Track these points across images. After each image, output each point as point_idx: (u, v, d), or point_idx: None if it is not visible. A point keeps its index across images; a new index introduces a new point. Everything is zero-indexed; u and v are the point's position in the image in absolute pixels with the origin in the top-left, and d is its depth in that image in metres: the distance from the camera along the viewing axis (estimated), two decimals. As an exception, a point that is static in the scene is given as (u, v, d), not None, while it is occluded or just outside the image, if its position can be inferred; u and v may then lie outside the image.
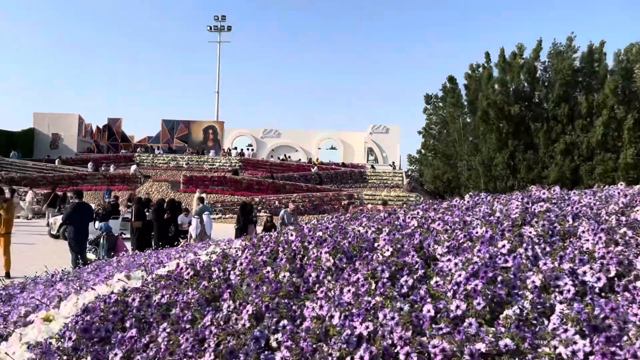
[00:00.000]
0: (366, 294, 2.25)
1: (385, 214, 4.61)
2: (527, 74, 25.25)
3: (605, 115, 22.06)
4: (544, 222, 3.20)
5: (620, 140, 22.66)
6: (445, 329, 1.84)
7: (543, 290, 2.25)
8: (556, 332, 1.81)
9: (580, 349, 1.65)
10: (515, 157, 25.86)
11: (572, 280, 2.27)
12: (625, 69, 22.99)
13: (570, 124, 24.13)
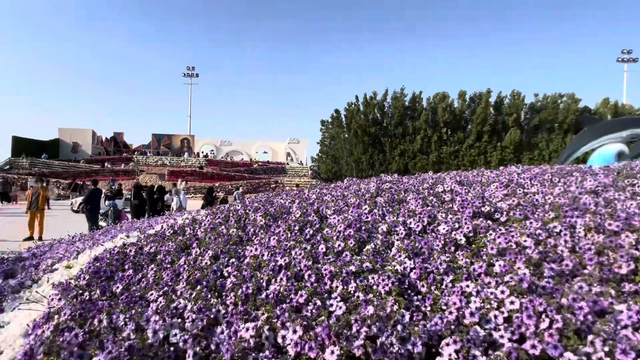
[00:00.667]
0: (285, 240, 2.80)
1: (296, 191, 5.82)
2: (379, 109, 37.13)
3: (421, 134, 33.73)
4: (387, 194, 4.15)
5: (429, 148, 34.49)
6: (332, 259, 2.50)
7: (388, 233, 3.06)
8: (395, 257, 2.60)
9: (408, 266, 2.45)
10: (373, 158, 38.69)
11: (404, 227, 3.14)
12: (432, 108, 35.02)
13: (403, 138, 36.60)
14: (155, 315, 1.75)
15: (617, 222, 2.73)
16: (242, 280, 2.16)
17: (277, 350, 1.72)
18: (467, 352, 1.56)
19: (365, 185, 5.09)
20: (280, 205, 4.18)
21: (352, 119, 40.67)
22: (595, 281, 2.11)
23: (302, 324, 1.71)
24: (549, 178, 4.81)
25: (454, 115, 35.38)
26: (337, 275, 2.26)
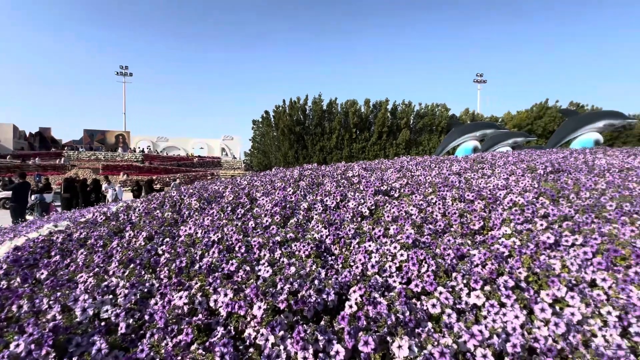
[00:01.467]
0: (218, 220, 2.63)
1: (230, 179, 5.36)
2: (302, 111, 37.35)
3: (336, 133, 34.91)
4: (308, 179, 4.17)
5: (343, 145, 36.41)
6: (260, 232, 2.43)
7: (308, 210, 3.08)
8: (314, 228, 2.63)
9: (324, 234, 2.50)
10: (297, 152, 39.69)
11: (321, 204, 3.19)
12: (345, 112, 36.35)
13: (322, 137, 38.08)
14: (85, 295, 1.51)
15: (472, 194, 3.13)
16: (176, 255, 1.98)
17: (210, 313, 1.62)
18: (369, 295, 1.64)
19: (290, 172, 5.08)
20: (214, 191, 3.94)
21: (279, 119, 40.61)
22: (458, 235, 2.40)
23: (232, 287, 1.63)
24: (428, 164, 5.33)
25: (361, 119, 37.36)
26: (265, 245, 2.21)
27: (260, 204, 3.29)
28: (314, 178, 4.36)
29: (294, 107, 39.18)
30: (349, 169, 5.28)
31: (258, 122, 45.52)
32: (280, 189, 3.78)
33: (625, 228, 2.34)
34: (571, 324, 1.46)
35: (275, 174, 5.38)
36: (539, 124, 32.78)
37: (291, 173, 4.90)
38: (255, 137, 47.34)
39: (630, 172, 4.84)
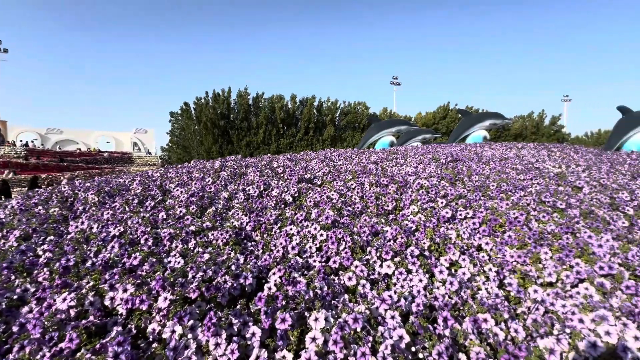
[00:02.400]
0: (121, 213, 2.30)
1: (140, 172, 4.74)
2: (227, 104, 35.73)
3: (263, 128, 34.30)
4: (230, 169, 3.98)
5: (270, 140, 34.88)
6: (172, 223, 2.21)
7: (229, 199, 2.93)
8: (234, 215, 2.50)
9: (244, 221, 2.39)
10: (222, 148, 38.50)
11: (244, 193, 3.06)
12: (271, 107, 35.61)
13: (249, 131, 35.68)
14: None
15: (387, 179, 3.37)
16: (62, 254, 1.66)
17: (106, 314, 1.40)
18: (289, 275, 1.62)
19: (211, 163, 4.77)
20: (119, 184, 3.46)
21: (201, 112, 37.66)
22: (374, 215, 2.56)
23: (134, 282, 1.43)
24: (350, 155, 5.59)
25: (288, 114, 37.40)
26: (177, 236, 2.01)
27: (174, 195, 2.99)
28: (236, 168, 4.17)
29: (218, 100, 37.15)
30: (274, 160, 5.21)
31: (177, 114, 41.63)
32: (198, 179, 3.52)
33: (502, 202, 2.80)
34: (463, 282, 1.68)
35: (194, 165, 5.00)
36: (443, 123, 37.42)
37: (212, 164, 4.61)
38: (174, 131, 43.22)
39: (507, 161, 5.84)
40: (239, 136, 35.02)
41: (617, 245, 2.18)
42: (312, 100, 37.92)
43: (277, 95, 36.80)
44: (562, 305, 1.53)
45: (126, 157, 40.39)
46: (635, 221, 2.71)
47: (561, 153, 7.77)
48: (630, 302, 1.59)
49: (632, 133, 13.24)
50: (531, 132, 36.57)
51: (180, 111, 39.31)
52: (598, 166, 5.77)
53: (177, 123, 39.92)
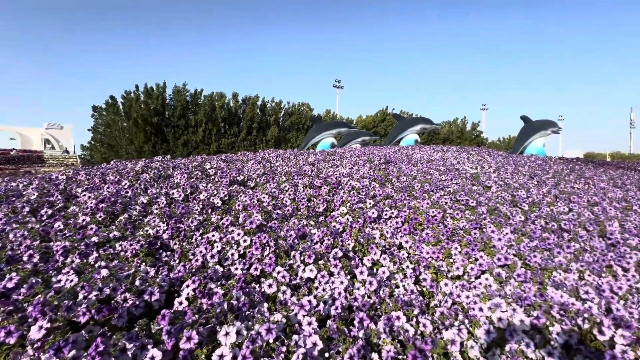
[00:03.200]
0: (3, 225, 1.91)
1: (41, 175, 4.03)
2: (161, 100, 33.07)
3: (203, 126, 32.35)
4: (154, 171, 3.64)
5: (210, 139, 33.18)
6: (69, 234, 1.91)
7: (148, 204, 2.65)
8: (149, 223, 2.26)
9: (161, 228, 2.18)
10: (156, 147, 34.95)
11: (166, 197, 2.80)
12: (211, 105, 33.78)
13: (186, 130, 33.29)
14: None
15: (320, 180, 3.39)
16: None
17: (-38, 352, 1.13)
18: (205, 286, 1.50)
19: (133, 164, 4.31)
20: (8, 189, 2.91)
21: (131, 107, 34.15)
22: (304, 217, 2.53)
23: (4, 310, 1.18)
24: (288, 157, 5.54)
25: (230, 113, 36.07)
26: (74, 250, 1.74)
27: (80, 201, 2.61)
28: (162, 170, 3.82)
29: (151, 95, 34.16)
30: (207, 161, 4.91)
31: (100, 108, 37.17)
32: (113, 182, 3.13)
33: (424, 202, 3.00)
34: (382, 281, 1.73)
35: (113, 166, 4.46)
36: (382, 127, 39.59)
37: (133, 165, 4.16)
38: (98, 127, 38.47)
39: (433, 163, 6.36)
40: (175, 135, 32.65)
41: (513, 237, 2.47)
42: (255, 100, 37.10)
43: (218, 92, 35.20)
44: (467, 297, 1.67)
45: (34, 157, 34.90)
46: (529, 215, 3.13)
47: (478, 156, 8.74)
48: (520, 289, 1.80)
49: (531, 139, 15.53)
50: (457, 136, 40.59)
51: (106, 106, 35.24)
52: (505, 167, 6.60)
53: (102, 119, 35.67)
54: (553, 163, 8.94)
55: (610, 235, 2.84)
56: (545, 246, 2.37)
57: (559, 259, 2.20)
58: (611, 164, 14.18)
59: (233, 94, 35.59)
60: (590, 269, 2.18)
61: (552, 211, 3.39)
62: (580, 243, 2.60)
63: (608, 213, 3.66)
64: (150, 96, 32.83)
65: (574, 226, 2.93)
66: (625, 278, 2.18)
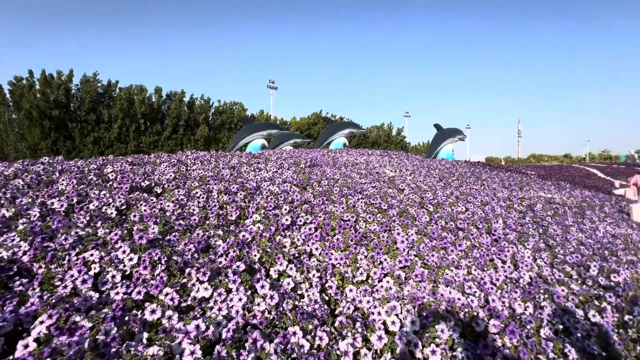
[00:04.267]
0: None
1: None
2: (65, 90, 28.68)
3: (119, 122, 28.56)
4: (32, 175, 3.04)
5: (128, 137, 29.75)
6: None
7: (13, 218, 2.16)
8: (4, 243, 1.83)
9: (22, 249, 1.77)
10: (57, 144, 29.12)
11: (41, 208, 2.33)
12: (130, 99, 30.05)
13: (97, 126, 29.24)
14: None
15: (237, 186, 3.21)
16: None
17: None
18: (66, 320, 1.24)
19: (5, 167, 3.52)
20: None
21: (22, 97, 28.50)
22: (212, 227, 2.34)
23: None
24: (208, 159, 5.18)
25: (152, 109, 32.81)
26: None
27: None
28: (42, 174, 3.19)
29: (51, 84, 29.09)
30: (111, 163, 4.30)
31: (-20, 97, 30.64)
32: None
33: (340, 206, 3.06)
34: (286, 293, 1.66)
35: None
36: (315, 129, 40.38)
37: (5, 169, 3.40)
38: (-30, 120, 31.51)
39: (357, 166, 6.63)
40: (83, 131, 28.23)
41: (417, 238, 2.66)
42: (182, 96, 34.42)
43: (138, 85, 31.70)
44: (367, 302, 1.70)
45: None
46: (433, 216, 3.43)
47: (398, 159, 9.44)
48: (417, 289, 1.92)
49: (442, 145, 17.49)
50: (384, 140, 43.59)
51: (-10, 93, 29.02)
52: (419, 171, 7.23)
53: (-20, 109, 29.25)
54: (459, 166, 10.15)
55: (495, 232, 3.27)
56: (442, 245, 2.60)
57: (452, 257, 2.43)
58: (503, 167, 16.77)
59: (156, 88, 32.46)
60: (476, 264, 2.45)
61: (452, 211, 3.78)
62: (471, 240, 2.93)
63: (495, 211, 4.23)
64: (49, 85, 27.99)
65: (468, 225, 3.30)
66: (503, 269, 2.50)
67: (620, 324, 2.23)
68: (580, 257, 3.13)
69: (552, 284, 2.52)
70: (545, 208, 5.11)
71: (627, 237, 4.62)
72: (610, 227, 5.02)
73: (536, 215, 4.50)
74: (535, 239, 3.39)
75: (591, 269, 2.88)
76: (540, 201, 5.65)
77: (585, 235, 4.10)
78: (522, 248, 3.00)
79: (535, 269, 2.71)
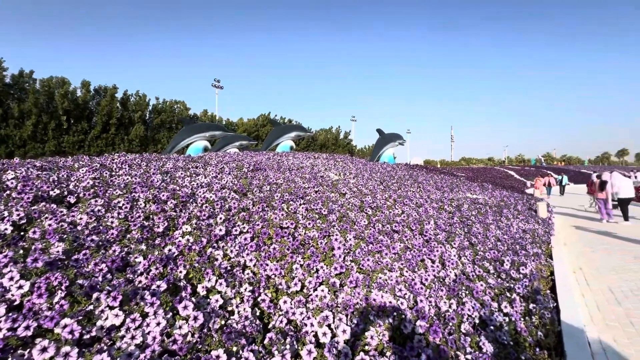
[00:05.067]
0: None
1: None
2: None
3: (33, 119, 24.86)
4: None
5: (46, 136, 26.01)
6: None
7: None
8: None
9: None
10: None
11: None
12: (49, 92, 26.36)
13: (5, 122, 24.97)
14: None
15: (167, 193, 2.96)
16: None
17: None
18: None
19: None
20: None
21: None
22: (133, 242, 2.11)
23: None
24: (138, 163, 4.72)
25: (77, 104, 29.16)
26: None
27: None
28: None
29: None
30: (13, 168, 3.67)
31: None
32: None
33: (280, 212, 3.00)
34: (214, 312, 1.55)
35: None
36: (264, 131, 39.60)
37: None
38: None
39: (302, 169, 6.63)
40: (-16, 128, 24.12)
41: (354, 243, 2.71)
42: (114, 91, 31.15)
43: (59, 77, 27.91)
44: (301, 313, 1.67)
45: None
46: (372, 220, 3.54)
47: (343, 163, 9.68)
48: (351, 295, 1.94)
49: (384, 149, 18.48)
50: (332, 143, 44.50)
51: None
52: (362, 174, 7.49)
53: None
54: (399, 169, 10.77)
55: (426, 233, 3.49)
56: (378, 249, 2.69)
57: (387, 260, 2.53)
58: (438, 170, 18.28)
59: (83, 82, 28.92)
60: (408, 266, 2.57)
61: (390, 214, 3.96)
62: (405, 242, 3.08)
63: (428, 212, 4.54)
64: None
65: (403, 227, 3.48)
66: (432, 269, 2.67)
67: (527, 312, 2.52)
68: (497, 252, 3.50)
69: (474, 279, 2.76)
70: (470, 208, 5.64)
71: (534, 232, 5.31)
72: (522, 223, 5.72)
73: (463, 215, 4.94)
74: (461, 237, 3.70)
75: (505, 263, 3.22)
76: (467, 202, 6.23)
77: (502, 231, 4.60)
78: (449, 247, 3.25)
79: (460, 266, 2.95)
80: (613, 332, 2.76)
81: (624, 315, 3.12)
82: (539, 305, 2.54)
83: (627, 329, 2.85)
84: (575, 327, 2.49)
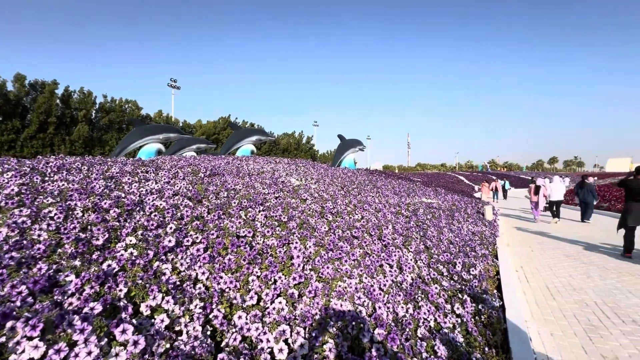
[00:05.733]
0: None
1: None
2: None
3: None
4: None
5: None
6: None
7: None
8: None
9: None
10: None
11: None
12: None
13: None
14: None
15: (110, 201, 2.69)
16: None
17: None
18: None
19: None
20: None
21: None
22: (65, 257, 1.86)
23: None
24: (78, 166, 4.26)
25: (6, 100, 26.05)
26: None
27: None
28: None
29: None
30: None
31: None
32: None
33: (238, 220, 2.86)
34: (158, 333, 1.40)
35: None
36: (224, 134, 38.28)
37: None
38: None
39: (263, 175, 6.47)
40: None
41: (314, 250, 2.66)
42: (53, 87, 28.24)
43: (-16, 69, 24.60)
44: (256, 328, 1.58)
45: None
46: (332, 226, 3.53)
47: (304, 168, 9.65)
48: (310, 305, 1.89)
49: (345, 154, 18.85)
50: (294, 148, 44.33)
51: None
52: (324, 179, 7.51)
53: None
54: (359, 175, 11.00)
55: (385, 238, 3.56)
56: (338, 256, 2.68)
57: (346, 267, 2.51)
58: (396, 175, 19.02)
59: (16, 75, 25.80)
60: (367, 272, 2.59)
61: (350, 219, 3.98)
62: (364, 248, 3.11)
63: (386, 217, 4.66)
64: None
65: (362, 232, 3.51)
66: (390, 274, 2.71)
67: (477, 311, 2.66)
68: (450, 255, 3.67)
69: (429, 282, 2.86)
70: (426, 212, 5.90)
71: (482, 234, 5.69)
72: (472, 225, 6.11)
73: (419, 219, 5.15)
74: (417, 241, 3.84)
75: (457, 265, 3.39)
76: (423, 206, 6.52)
77: (454, 234, 4.86)
78: (406, 251, 3.34)
79: (416, 270, 3.03)
80: (550, 327, 3.01)
81: (557, 309, 3.43)
82: (487, 305, 2.69)
83: (561, 321, 3.13)
84: (518, 325, 2.67)
